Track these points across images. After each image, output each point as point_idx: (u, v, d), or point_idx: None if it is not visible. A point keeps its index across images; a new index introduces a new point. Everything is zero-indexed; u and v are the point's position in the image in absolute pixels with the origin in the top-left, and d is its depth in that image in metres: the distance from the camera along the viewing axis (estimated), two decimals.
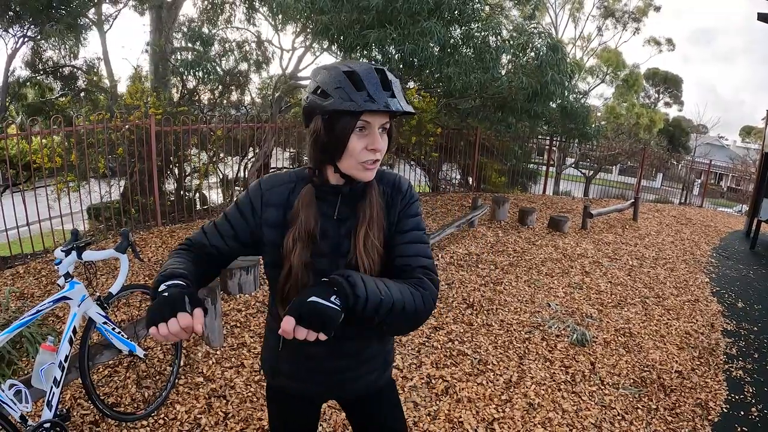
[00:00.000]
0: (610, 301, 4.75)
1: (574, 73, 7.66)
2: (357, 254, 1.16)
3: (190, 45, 8.90)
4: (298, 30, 8.99)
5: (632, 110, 21.55)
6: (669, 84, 29.04)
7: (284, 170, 1.26)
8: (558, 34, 20.86)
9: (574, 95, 8.80)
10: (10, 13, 9.13)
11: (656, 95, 29.49)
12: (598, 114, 21.44)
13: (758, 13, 8.73)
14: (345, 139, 1.08)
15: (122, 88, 10.77)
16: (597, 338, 3.89)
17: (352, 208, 1.19)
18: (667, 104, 29.75)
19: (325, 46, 8.61)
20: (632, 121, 20.74)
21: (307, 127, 1.16)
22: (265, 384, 2.84)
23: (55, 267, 2.17)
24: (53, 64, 10.83)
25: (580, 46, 22.46)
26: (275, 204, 1.19)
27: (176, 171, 7.62)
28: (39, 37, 9.78)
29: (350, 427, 1.53)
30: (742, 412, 3.10)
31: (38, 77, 10.88)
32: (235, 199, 1.22)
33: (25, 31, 9.68)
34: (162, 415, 2.57)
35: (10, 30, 9.54)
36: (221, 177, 8.21)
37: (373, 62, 6.79)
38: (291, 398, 1.38)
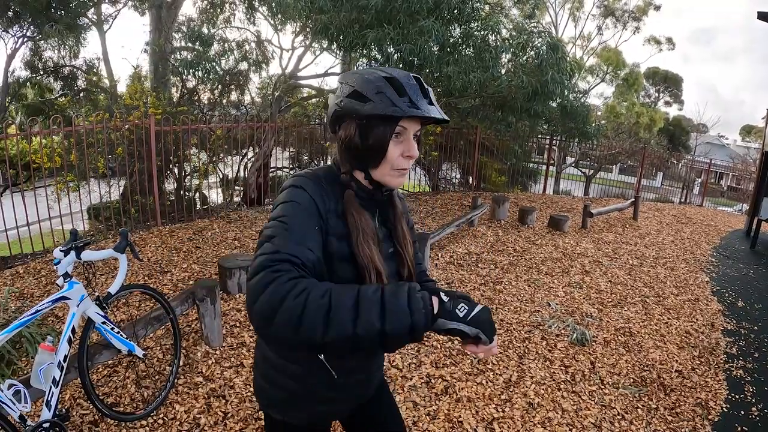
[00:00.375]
0: (610, 300, 4.74)
1: (574, 72, 7.63)
2: (407, 260, 1.22)
3: (189, 45, 8.89)
4: (297, 29, 8.98)
5: (632, 109, 21.52)
6: (669, 83, 29.01)
7: (306, 171, 1.15)
8: (558, 33, 20.83)
9: (574, 94, 8.78)
10: (10, 13, 9.13)
11: (656, 94, 29.46)
12: (598, 113, 21.42)
13: (758, 12, 8.73)
14: (384, 145, 1.06)
15: (122, 88, 10.79)
16: (597, 338, 3.89)
17: (384, 215, 1.22)
18: (667, 103, 29.72)
19: (324, 46, 8.60)
20: (632, 121, 20.71)
21: (334, 132, 1.14)
22: None
23: (54, 267, 2.16)
24: (53, 64, 10.83)
25: (580, 45, 22.42)
26: (334, 212, 1.10)
27: (176, 171, 7.62)
28: (39, 37, 9.78)
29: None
30: (743, 412, 3.10)
31: (38, 77, 10.88)
32: (285, 204, 1.04)
33: (24, 31, 9.68)
34: (161, 415, 2.57)
35: (10, 30, 9.54)
36: (221, 177, 8.21)
37: (373, 62, 6.79)
38: (311, 425, 1.31)
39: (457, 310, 0.93)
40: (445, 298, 0.95)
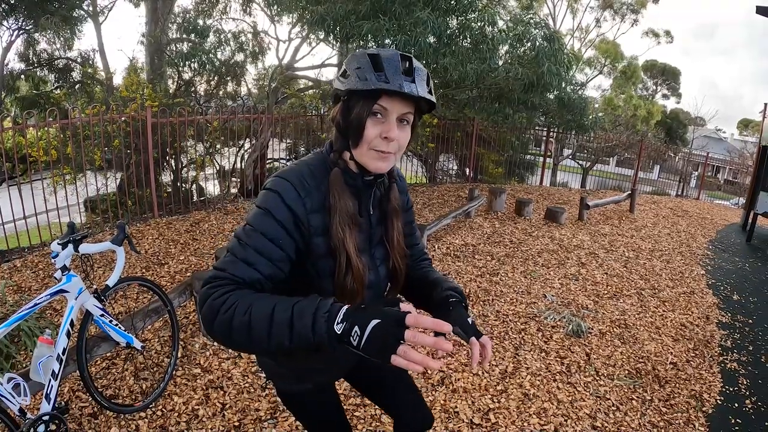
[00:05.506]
0: (606, 292, 4.77)
1: (571, 64, 7.63)
2: (395, 248, 1.23)
3: (185, 36, 8.85)
4: (294, 20, 8.94)
5: (630, 102, 21.50)
6: (667, 76, 28.99)
7: (293, 165, 1.13)
8: (556, 25, 20.73)
9: (572, 86, 8.78)
10: (5, 5, 9.04)
11: (654, 87, 29.43)
12: (596, 105, 21.39)
13: (757, 7, 8.68)
14: (361, 122, 1.04)
15: (118, 80, 10.72)
16: (593, 329, 3.91)
17: (376, 203, 1.21)
18: (665, 96, 29.72)
19: (321, 37, 8.56)
20: (630, 113, 20.71)
21: None
22: (263, 378, 2.86)
23: (52, 260, 2.16)
24: (48, 56, 10.73)
25: (578, 38, 22.31)
26: (318, 209, 1.08)
27: (173, 163, 7.60)
28: (34, 29, 9.69)
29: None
30: (736, 404, 3.13)
31: (32, 69, 10.78)
32: (258, 210, 1.05)
33: (20, 23, 9.59)
34: (160, 407, 2.59)
35: (5, 23, 9.44)
36: (218, 168, 8.19)
37: None
38: (317, 391, 1.38)
39: (351, 338, 0.82)
40: (338, 328, 0.83)
